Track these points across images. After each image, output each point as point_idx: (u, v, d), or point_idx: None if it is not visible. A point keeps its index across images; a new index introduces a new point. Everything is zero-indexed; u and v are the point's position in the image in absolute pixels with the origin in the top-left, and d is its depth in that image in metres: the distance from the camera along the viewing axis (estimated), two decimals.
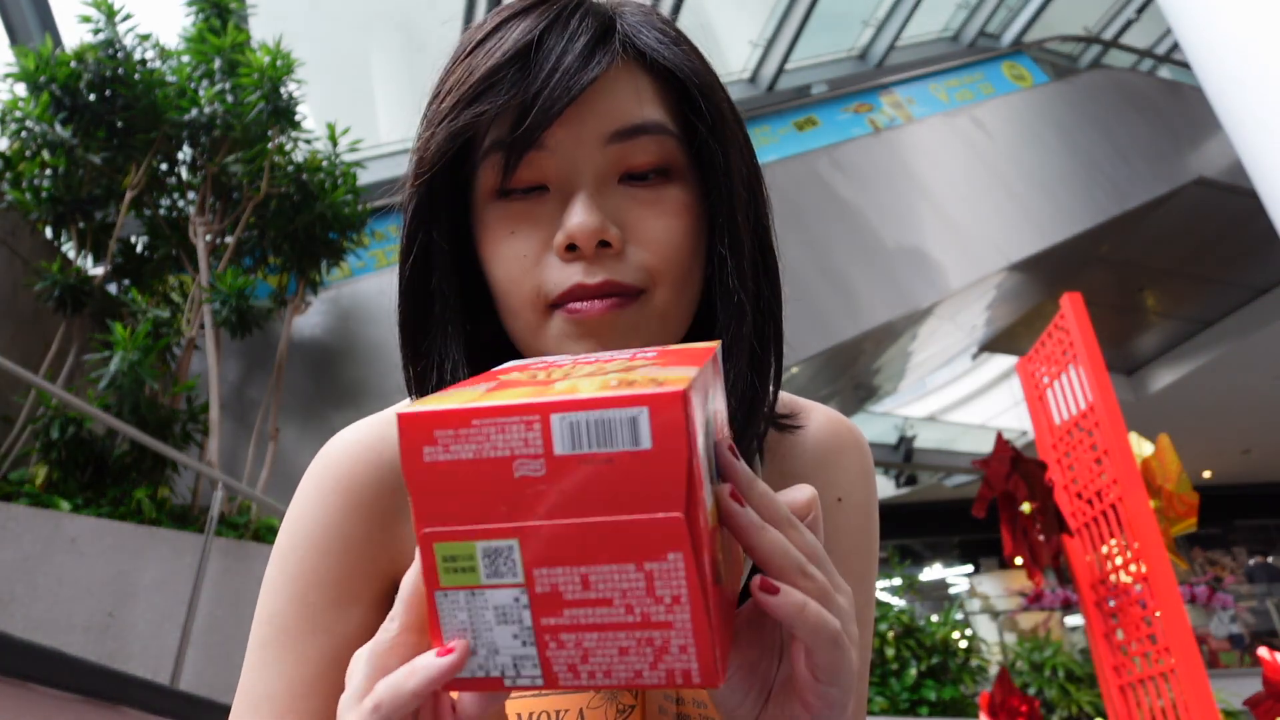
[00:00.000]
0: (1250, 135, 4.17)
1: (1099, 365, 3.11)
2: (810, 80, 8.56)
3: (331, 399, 5.33)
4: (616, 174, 0.55)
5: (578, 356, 0.44)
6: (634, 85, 0.55)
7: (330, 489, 0.63)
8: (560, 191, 0.55)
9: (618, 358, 0.41)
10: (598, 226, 0.53)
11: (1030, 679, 6.66)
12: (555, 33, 0.54)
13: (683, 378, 0.33)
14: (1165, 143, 8.81)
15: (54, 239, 4.91)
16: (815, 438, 0.67)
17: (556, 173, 0.55)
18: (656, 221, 0.55)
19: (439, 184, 0.57)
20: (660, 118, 0.55)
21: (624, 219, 0.55)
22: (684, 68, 0.56)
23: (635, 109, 0.55)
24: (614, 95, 0.54)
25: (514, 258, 0.55)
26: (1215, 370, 10.76)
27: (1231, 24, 4.21)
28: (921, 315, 7.33)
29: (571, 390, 0.33)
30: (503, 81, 0.53)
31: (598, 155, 0.54)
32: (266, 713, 0.57)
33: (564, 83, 0.52)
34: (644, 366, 0.37)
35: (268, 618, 0.60)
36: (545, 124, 0.52)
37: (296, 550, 0.61)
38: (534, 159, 0.54)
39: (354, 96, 7.65)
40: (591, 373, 0.37)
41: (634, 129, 0.54)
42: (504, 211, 0.56)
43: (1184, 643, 2.65)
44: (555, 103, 0.51)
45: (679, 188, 0.56)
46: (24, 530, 3.35)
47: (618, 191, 0.55)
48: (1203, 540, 13.61)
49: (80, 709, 2.22)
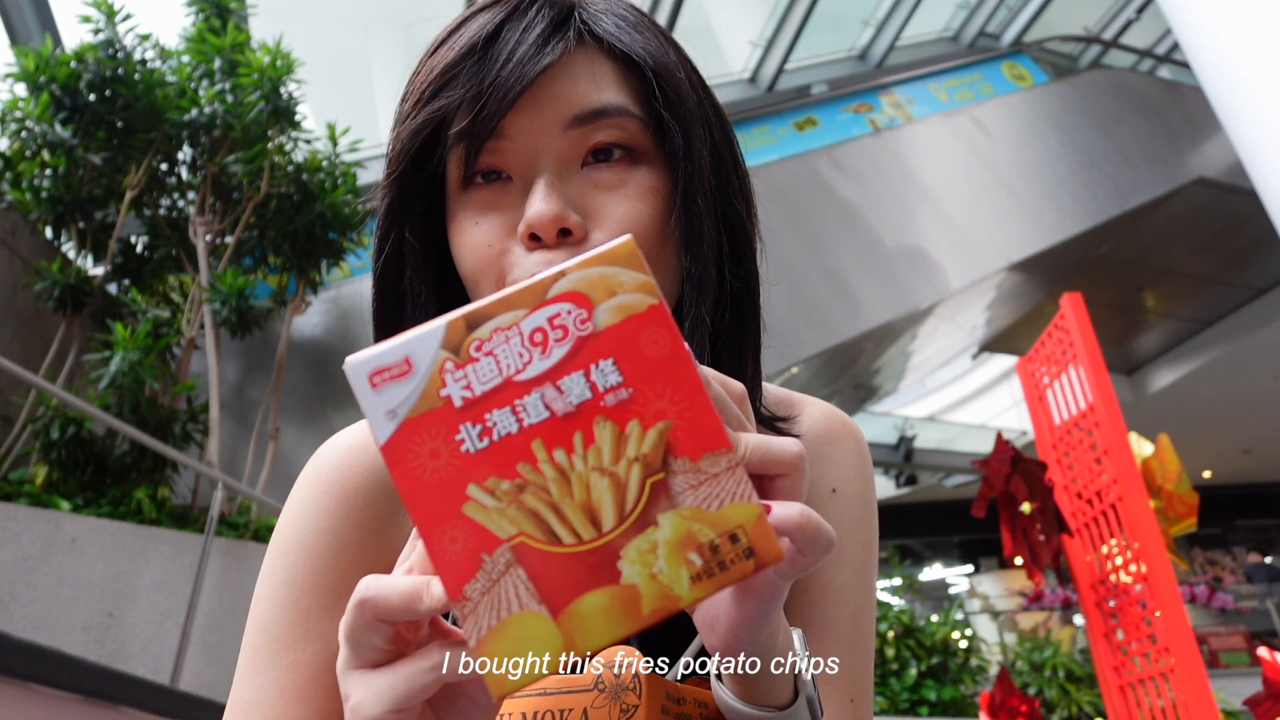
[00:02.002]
0: (1250, 135, 4.17)
1: (1099, 365, 3.11)
2: (810, 80, 8.56)
3: (331, 399, 5.33)
4: (578, 159, 0.55)
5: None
6: (592, 70, 0.55)
7: (323, 494, 0.62)
8: (523, 179, 0.55)
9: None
10: (557, 213, 0.52)
11: (1030, 679, 6.65)
12: (512, 24, 0.54)
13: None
14: (1165, 143, 8.81)
15: (54, 239, 4.91)
16: (809, 430, 0.66)
17: (518, 160, 0.54)
18: (619, 205, 0.54)
19: (409, 182, 0.57)
20: (621, 101, 0.55)
21: (587, 204, 0.54)
22: (640, 51, 0.56)
23: (593, 93, 0.54)
24: (572, 80, 0.54)
25: (479, 247, 0.55)
26: (1215, 370, 10.76)
27: (1231, 24, 4.21)
28: (921, 315, 7.33)
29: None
30: (460, 75, 0.53)
31: (558, 141, 0.54)
32: (259, 718, 0.56)
33: (518, 71, 0.51)
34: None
35: (260, 623, 0.60)
36: (501, 112, 0.52)
37: (289, 555, 0.61)
38: (494, 147, 0.54)
39: (354, 96, 7.65)
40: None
41: (593, 113, 0.54)
42: (469, 201, 0.56)
43: (1184, 643, 2.65)
44: (510, 90, 0.51)
45: (645, 171, 0.55)
46: (24, 530, 3.35)
47: (580, 177, 0.55)
48: (1203, 540, 13.61)
49: (80, 709, 2.22)
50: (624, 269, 0.34)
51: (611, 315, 0.33)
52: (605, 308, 0.33)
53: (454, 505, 0.33)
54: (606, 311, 0.33)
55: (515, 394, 0.33)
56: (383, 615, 0.36)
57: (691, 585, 0.33)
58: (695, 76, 0.60)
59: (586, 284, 0.33)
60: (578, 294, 0.33)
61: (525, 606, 0.33)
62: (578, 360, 0.33)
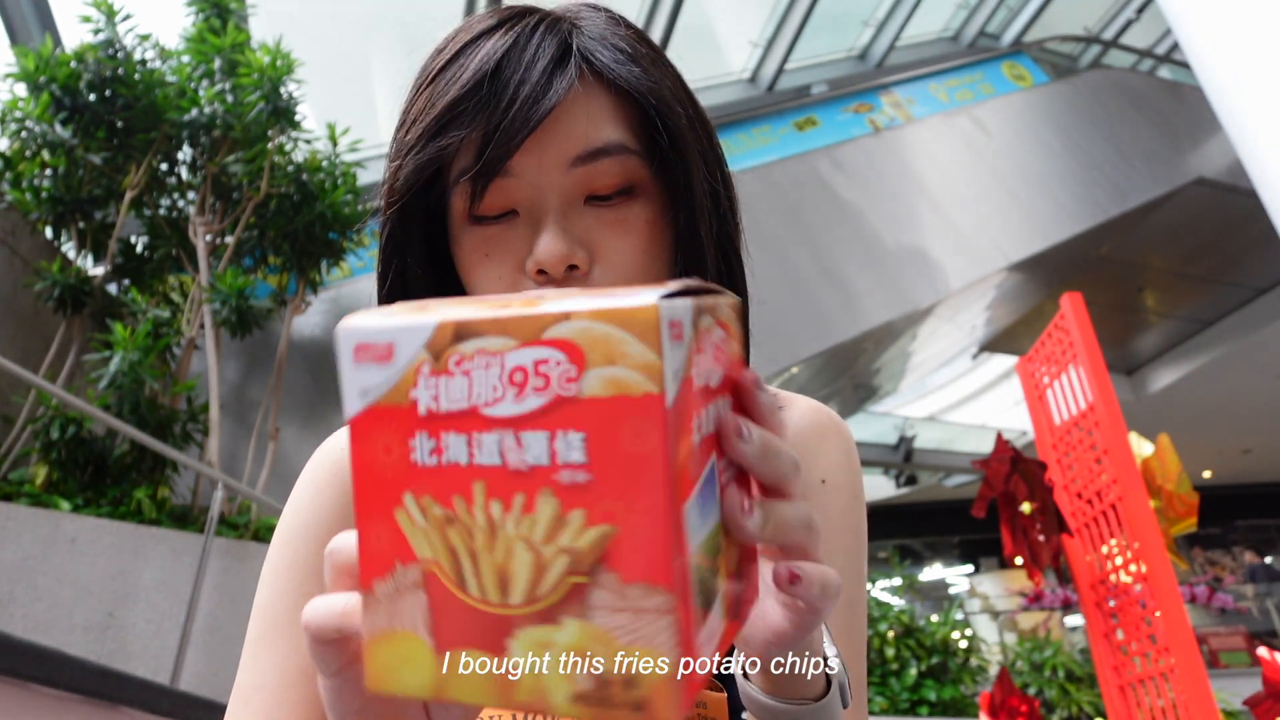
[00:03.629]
0: (1250, 135, 4.17)
1: (1099, 365, 3.11)
2: (810, 80, 8.56)
3: (331, 399, 5.33)
4: (582, 195, 0.56)
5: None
6: (593, 106, 0.56)
7: (325, 482, 0.64)
8: (529, 215, 0.56)
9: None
10: (565, 253, 0.54)
11: (1030, 679, 6.66)
12: (513, 59, 0.54)
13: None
14: (1165, 143, 8.82)
15: (54, 239, 4.91)
16: (796, 425, 0.69)
17: (524, 197, 0.56)
18: (620, 242, 0.56)
19: (411, 210, 0.59)
20: (620, 137, 0.56)
21: (591, 240, 0.56)
22: (640, 87, 0.56)
23: (595, 131, 0.55)
24: (574, 119, 0.55)
25: (490, 280, 0.57)
26: (1215, 370, 10.76)
27: (1231, 24, 4.21)
28: (921, 315, 7.33)
29: None
30: (464, 114, 0.54)
31: (562, 179, 0.55)
32: (260, 701, 0.58)
33: (523, 113, 0.53)
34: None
35: (263, 609, 0.61)
36: (507, 156, 0.53)
37: (291, 543, 0.63)
38: (501, 185, 0.55)
39: (354, 96, 7.65)
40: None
41: (595, 152, 0.55)
42: (478, 236, 0.58)
43: (1184, 643, 2.65)
44: (515, 134, 0.53)
45: (641, 204, 0.57)
46: (24, 530, 3.35)
47: (584, 212, 0.56)
48: (1203, 540, 13.62)
49: (80, 709, 2.22)
50: (635, 339, 0.29)
51: (600, 385, 0.29)
52: (597, 374, 0.29)
53: (389, 505, 0.32)
54: (597, 379, 0.29)
55: (476, 426, 0.31)
56: (321, 638, 0.36)
57: (570, 701, 0.30)
58: (685, 95, 0.61)
59: (588, 339, 0.29)
60: (574, 346, 0.29)
61: (415, 630, 0.32)
62: (548, 419, 0.30)
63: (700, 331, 0.32)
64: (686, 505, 0.30)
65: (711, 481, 0.33)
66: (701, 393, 0.32)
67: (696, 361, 0.32)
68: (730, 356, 0.36)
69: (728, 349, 0.36)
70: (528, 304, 0.31)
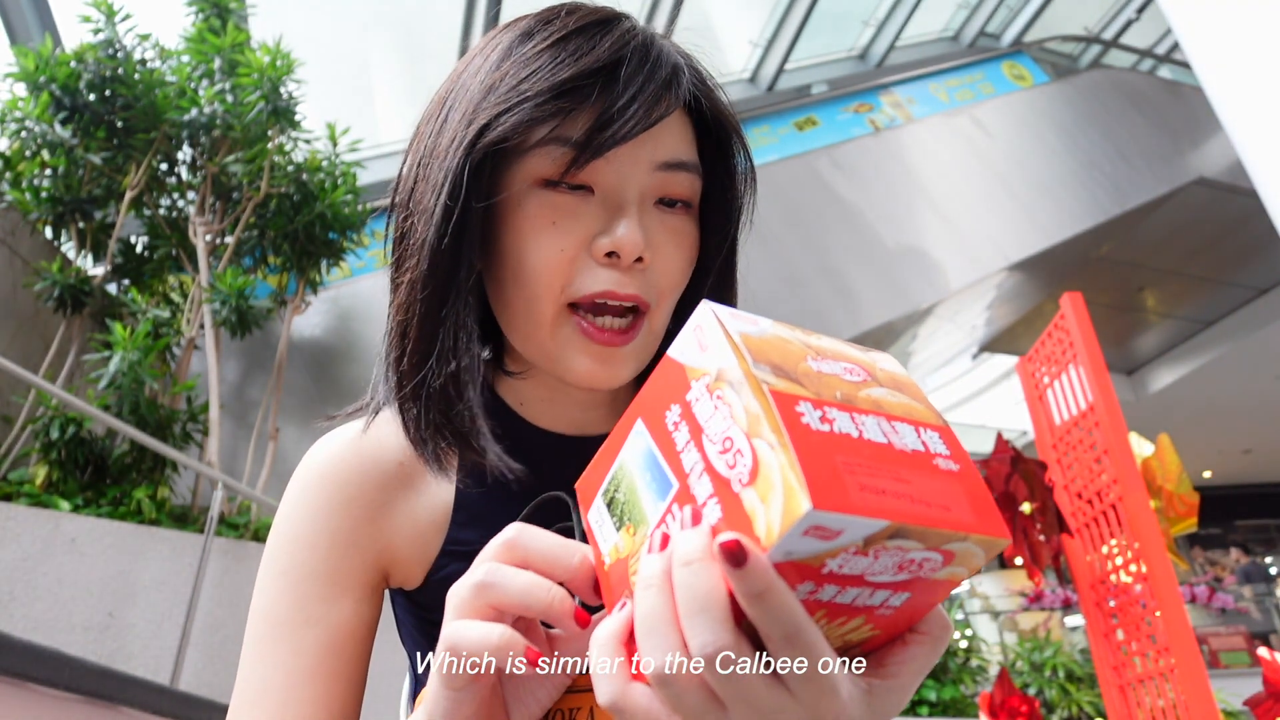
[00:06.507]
0: (1250, 135, 4.17)
1: (1099, 365, 3.11)
2: (810, 80, 8.56)
3: (331, 399, 5.33)
4: (655, 197, 0.61)
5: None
6: (682, 124, 0.62)
7: (317, 485, 0.65)
8: (606, 199, 0.59)
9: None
10: (642, 244, 0.58)
11: (1030, 679, 6.65)
12: (636, 60, 0.58)
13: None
14: (1165, 143, 8.81)
15: (54, 239, 4.90)
16: None
17: (608, 182, 0.59)
18: (674, 250, 0.62)
19: (490, 157, 0.58)
20: (694, 158, 0.62)
21: (653, 240, 0.60)
22: (727, 121, 0.64)
23: (681, 146, 0.62)
24: (668, 130, 0.61)
25: (551, 248, 0.58)
26: (1215, 370, 10.75)
27: (1231, 24, 4.21)
28: (921, 315, 7.33)
29: None
30: (589, 88, 0.57)
31: (646, 177, 0.60)
32: (266, 704, 0.58)
33: (639, 113, 0.57)
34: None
35: (262, 613, 0.62)
36: (619, 141, 0.57)
37: (287, 547, 0.63)
38: (594, 165, 0.58)
39: (354, 96, 7.64)
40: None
41: (678, 164, 0.61)
42: (548, 201, 0.59)
43: (1184, 643, 2.65)
44: (630, 130, 0.56)
45: (692, 220, 0.64)
46: (24, 530, 3.35)
47: (652, 214, 0.61)
48: (1203, 540, 13.61)
49: (80, 709, 2.22)
50: (981, 553, 0.37)
51: (945, 576, 0.37)
52: (949, 570, 0.37)
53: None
54: (946, 574, 0.37)
55: (854, 584, 0.36)
56: (499, 604, 0.43)
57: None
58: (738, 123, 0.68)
59: (961, 553, 0.37)
60: (952, 555, 0.36)
61: None
62: (900, 585, 0.37)
63: None
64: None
65: None
66: None
67: None
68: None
69: None
70: (860, 385, 0.45)
